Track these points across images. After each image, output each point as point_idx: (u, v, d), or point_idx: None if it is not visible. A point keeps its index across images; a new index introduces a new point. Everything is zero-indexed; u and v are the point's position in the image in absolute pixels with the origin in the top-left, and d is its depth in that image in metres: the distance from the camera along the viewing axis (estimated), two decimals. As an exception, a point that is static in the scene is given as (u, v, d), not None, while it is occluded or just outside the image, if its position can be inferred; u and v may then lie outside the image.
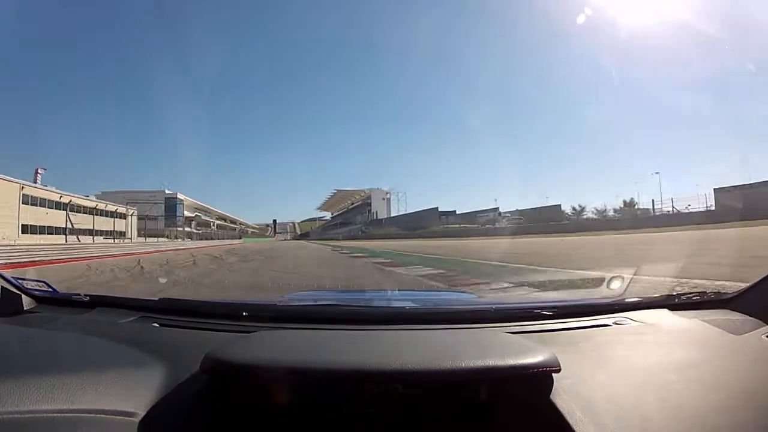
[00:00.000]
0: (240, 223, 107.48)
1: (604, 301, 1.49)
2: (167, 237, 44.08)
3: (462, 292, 4.89)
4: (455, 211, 70.55)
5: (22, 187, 32.29)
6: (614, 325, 1.23)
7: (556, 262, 9.86)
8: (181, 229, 57.11)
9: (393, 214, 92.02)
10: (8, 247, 16.35)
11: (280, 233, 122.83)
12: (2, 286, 1.39)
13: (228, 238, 67.66)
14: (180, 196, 64.55)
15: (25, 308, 1.43)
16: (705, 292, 1.42)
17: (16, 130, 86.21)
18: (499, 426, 0.81)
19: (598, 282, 4.21)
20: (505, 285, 6.38)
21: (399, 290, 4.65)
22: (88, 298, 1.50)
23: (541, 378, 0.80)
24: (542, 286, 6.29)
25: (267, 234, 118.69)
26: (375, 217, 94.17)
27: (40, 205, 34.01)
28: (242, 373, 0.82)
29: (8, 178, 30.90)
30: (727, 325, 1.20)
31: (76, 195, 39.49)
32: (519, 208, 56.45)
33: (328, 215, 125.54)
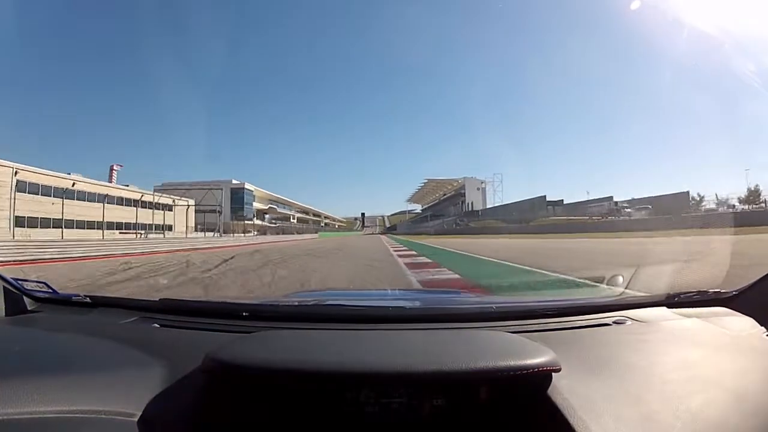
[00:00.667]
0: (326, 217, 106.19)
1: (604, 301, 1.49)
2: (219, 231, 39.14)
3: (462, 291, 4.64)
4: (563, 200, 54.87)
5: (16, 172, 26.74)
6: (614, 324, 1.22)
7: None
8: (250, 222, 52.79)
9: (489, 205, 77.87)
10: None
11: (369, 227, 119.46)
12: (3, 287, 1.38)
13: (307, 233, 64.00)
14: (249, 186, 59.61)
15: (26, 309, 1.43)
16: (705, 291, 1.40)
17: (86, 128, 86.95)
18: (499, 426, 0.81)
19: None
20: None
21: (399, 290, 4.57)
22: (88, 298, 1.50)
23: (541, 377, 0.80)
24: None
25: (355, 227, 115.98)
26: (470, 208, 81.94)
27: (43, 194, 28.99)
28: (242, 373, 0.82)
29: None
30: (727, 324, 1.19)
31: (87, 180, 34.75)
32: (635, 197, 44.19)
33: (418, 207, 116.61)
